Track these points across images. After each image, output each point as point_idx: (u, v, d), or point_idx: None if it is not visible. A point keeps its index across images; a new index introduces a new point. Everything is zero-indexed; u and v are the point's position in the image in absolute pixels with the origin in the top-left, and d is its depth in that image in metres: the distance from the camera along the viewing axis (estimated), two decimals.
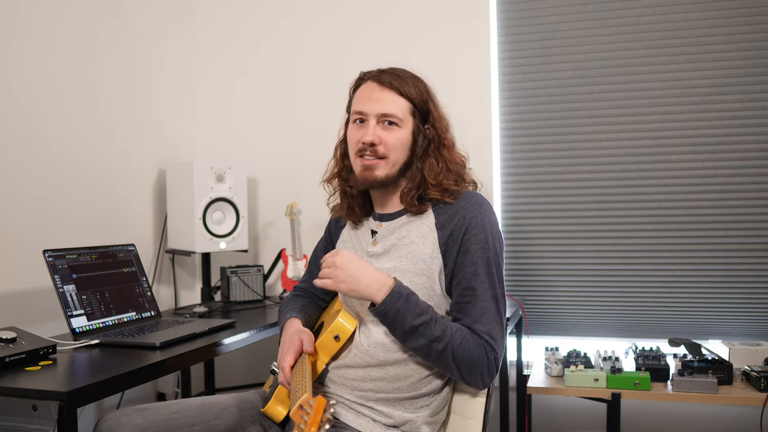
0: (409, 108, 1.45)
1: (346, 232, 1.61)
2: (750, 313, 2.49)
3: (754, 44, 2.44)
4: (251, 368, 2.97)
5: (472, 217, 1.40)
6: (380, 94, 1.44)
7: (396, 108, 1.43)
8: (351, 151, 1.49)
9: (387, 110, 1.43)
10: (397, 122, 1.43)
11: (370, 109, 1.44)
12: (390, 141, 1.43)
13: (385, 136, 1.43)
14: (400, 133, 1.44)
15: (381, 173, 1.44)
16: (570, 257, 2.64)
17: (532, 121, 2.66)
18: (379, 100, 1.44)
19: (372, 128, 1.43)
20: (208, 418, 1.41)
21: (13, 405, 1.34)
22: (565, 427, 2.65)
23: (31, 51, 2.14)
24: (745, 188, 2.46)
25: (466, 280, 1.37)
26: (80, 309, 1.84)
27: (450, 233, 1.40)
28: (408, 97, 1.44)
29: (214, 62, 3.02)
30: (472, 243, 1.38)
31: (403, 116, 1.44)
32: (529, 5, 2.65)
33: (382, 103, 1.43)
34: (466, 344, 1.33)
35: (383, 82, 1.44)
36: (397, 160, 1.45)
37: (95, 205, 2.41)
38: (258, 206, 2.98)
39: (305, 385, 1.18)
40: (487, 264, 1.38)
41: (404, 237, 1.45)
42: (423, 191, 1.45)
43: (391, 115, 1.43)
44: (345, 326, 1.42)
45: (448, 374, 1.40)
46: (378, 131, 1.43)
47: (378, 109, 1.43)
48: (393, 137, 1.43)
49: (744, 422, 2.45)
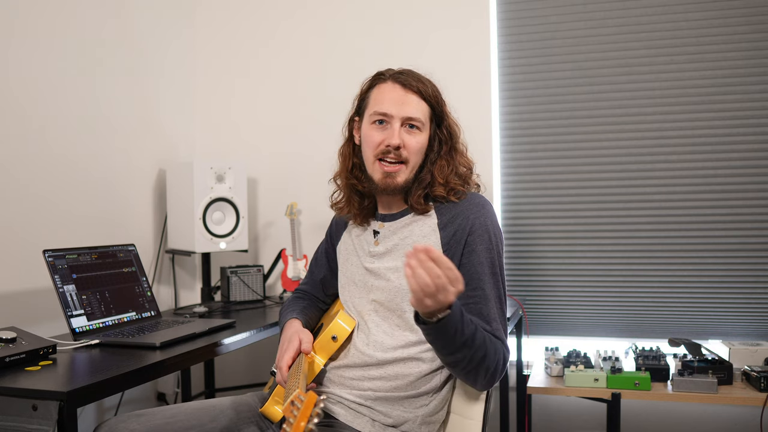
0: (429, 112, 1.45)
1: (349, 232, 1.61)
2: (750, 313, 2.49)
3: (754, 44, 2.44)
4: (251, 368, 2.97)
5: (475, 218, 1.40)
6: (405, 96, 1.43)
7: (420, 112, 1.43)
8: (369, 152, 1.46)
9: (412, 114, 1.42)
10: (419, 126, 1.43)
11: (395, 111, 1.42)
12: (412, 145, 1.43)
13: (408, 139, 1.42)
14: (421, 137, 1.44)
15: (402, 179, 1.44)
16: (570, 257, 2.64)
17: (532, 121, 2.66)
18: (404, 103, 1.42)
19: (398, 131, 1.41)
20: (205, 421, 1.41)
21: (13, 405, 1.34)
22: (565, 427, 2.65)
23: (32, 51, 2.14)
24: (745, 188, 2.46)
25: (474, 281, 1.37)
26: (80, 309, 1.84)
27: (453, 234, 1.40)
28: (429, 101, 1.44)
29: (215, 62, 3.02)
30: (478, 244, 1.38)
31: (425, 120, 1.44)
32: (529, 5, 2.65)
33: (408, 106, 1.42)
34: (492, 350, 1.31)
35: (406, 85, 1.43)
36: (415, 165, 1.45)
37: (95, 205, 2.41)
38: (258, 206, 2.98)
39: (299, 383, 1.18)
40: (492, 265, 1.39)
41: (406, 237, 1.45)
42: (429, 189, 1.45)
43: (415, 119, 1.42)
44: (343, 327, 1.43)
45: (467, 380, 1.37)
46: (401, 134, 1.42)
47: (404, 113, 1.42)
48: (415, 141, 1.43)
49: (744, 422, 2.45)
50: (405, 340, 1.40)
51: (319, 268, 1.71)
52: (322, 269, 1.70)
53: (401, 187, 1.45)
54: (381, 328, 1.41)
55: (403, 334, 1.41)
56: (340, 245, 1.62)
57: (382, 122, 1.44)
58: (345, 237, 1.61)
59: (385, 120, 1.43)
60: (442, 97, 1.49)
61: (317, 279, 1.71)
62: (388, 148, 1.41)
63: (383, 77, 1.47)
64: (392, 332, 1.41)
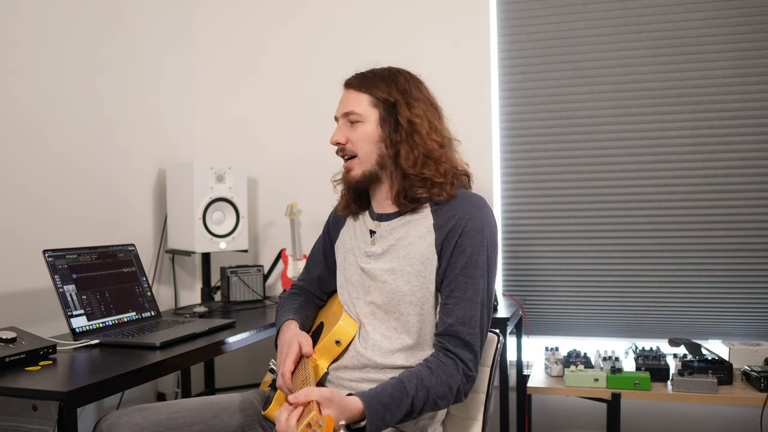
0: (369, 101, 1.46)
1: (344, 232, 1.61)
2: (750, 313, 2.49)
3: (754, 44, 2.44)
4: (251, 368, 2.97)
5: (470, 218, 1.39)
6: (345, 96, 1.50)
7: (355, 104, 1.46)
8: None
9: (347, 108, 1.47)
10: (359, 118, 1.46)
11: (338, 112, 1.50)
12: (354, 137, 1.46)
13: (350, 133, 1.47)
14: (363, 127, 1.46)
15: (357, 172, 1.47)
16: (570, 257, 2.64)
17: (532, 121, 2.66)
18: (342, 101, 1.50)
19: (338, 129, 1.49)
20: (207, 417, 1.41)
21: (13, 405, 1.34)
22: (565, 427, 2.65)
23: (32, 51, 2.14)
24: (745, 188, 2.46)
25: (456, 282, 1.36)
26: (80, 309, 1.84)
27: (446, 234, 1.39)
28: (368, 91, 1.46)
29: (215, 62, 3.02)
30: (468, 246, 1.37)
31: (364, 110, 1.46)
32: (529, 5, 2.65)
33: (345, 103, 1.49)
34: (440, 382, 1.30)
35: (348, 85, 1.50)
36: (367, 155, 1.46)
37: (95, 205, 2.41)
38: (258, 206, 2.99)
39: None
40: (479, 267, 1.37)
41: (402, 238, 1.44)
42: (410, 189, 1.43)
43: (350, 112, 1.46)
44: (347, 330, 1.42)
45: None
46: (344, 131, 1.48)
47: (341, 110, 1.49)
48: (356, 133, 1.46)
49: (744, 422, 2.45)
50: (402, 343, 1.40)
51: (316, 265, 1.70)
52: (318, 266, 1.70)
53: (359, 179, 1.47)
54: (378, 331, 1.41)
55: (399, 337, 1.40)
56: (338, 243, 1.62)
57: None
58: (343, 234, 1.61)
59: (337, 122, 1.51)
60: (401, 81, 1.46)
61: (314, 276, 1.70)
62: (334, 145, 1.50)
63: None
64: (389, 335, 1.41)
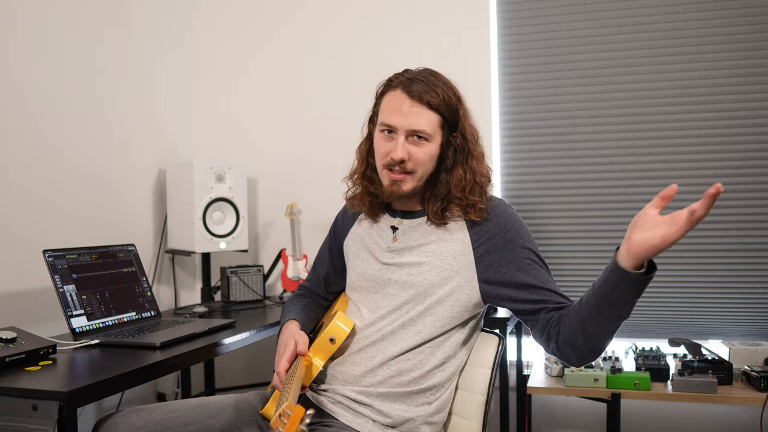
0: (438, 121, 1.42)
1: (359, 228, 1.60)
2: (750, 313, 2.49)
3: (754, 44, 2.44)
4: (251, 368, 2.97)
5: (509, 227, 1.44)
6: (410, 108, 1.40)
7: (425, 123, 1.40)
8: (378, 161, 1.47)
9: (416, 126, 1.40)
10: (426, 137, 1.41)
11: (399, 123, 1.40)
12: (419, 156, 1.41)
13: (414, 151, 1.41)
14: (429, 147, 1.42)
15: (408, 187, 1.44)
16: (570, 257, 2.63)
17: (532, 121, 2.66)
18: (408, 114, 1.40)
19: (401, 145, 1.40)
20: (204, 417, 1.42)
21: (13, 405, 1.34)
22: (565, 427, 2.65)
23: (32, 50, 2.14)
24: (745, 188, 2.46)
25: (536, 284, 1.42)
26: (80, 309, 1.84)
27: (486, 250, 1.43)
28: (438, 110, 1.41)
29: (215, 62, 3.02)
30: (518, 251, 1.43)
31: (432, 131, 1.41)
32: (529, 5, 2.65)
33: (412, 117, 1.40)
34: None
35: (413, 95, 1.40)
36: (424, 174, 1.44)
37: (95, 205, 2.41)
38: (258, 206, 2.98)
39: (291, 391, 1.18)
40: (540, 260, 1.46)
41: (430, 233, 1.46)
42: (448, 208, 1.46)
43: (420, 131, 1.40)
44: (341, 328, 1.43)
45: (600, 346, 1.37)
46: (407, 147, 1.41)
47: (408, 125, 1.40)
48: (422, 152, 1.41)
49: (744, 422, 2.45)
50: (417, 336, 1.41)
51: (322, 266, 1.72)
52: (325, 266, 1.71)
53: (407, 194, 1.45)
54: (383, 323, 1.43)
55: (415, 327, 1.42)
56: (348, 240, 1.61)
57: (390, 132, 1.43)
58: (354, 231, 1.60)
59: (391, 130, 1.42)
60: (456, 101, 1.45)
61: (320, 276, 1.72)
62: (393, 161, 1.41)
63: (392, 84, 1.45)
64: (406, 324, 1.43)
